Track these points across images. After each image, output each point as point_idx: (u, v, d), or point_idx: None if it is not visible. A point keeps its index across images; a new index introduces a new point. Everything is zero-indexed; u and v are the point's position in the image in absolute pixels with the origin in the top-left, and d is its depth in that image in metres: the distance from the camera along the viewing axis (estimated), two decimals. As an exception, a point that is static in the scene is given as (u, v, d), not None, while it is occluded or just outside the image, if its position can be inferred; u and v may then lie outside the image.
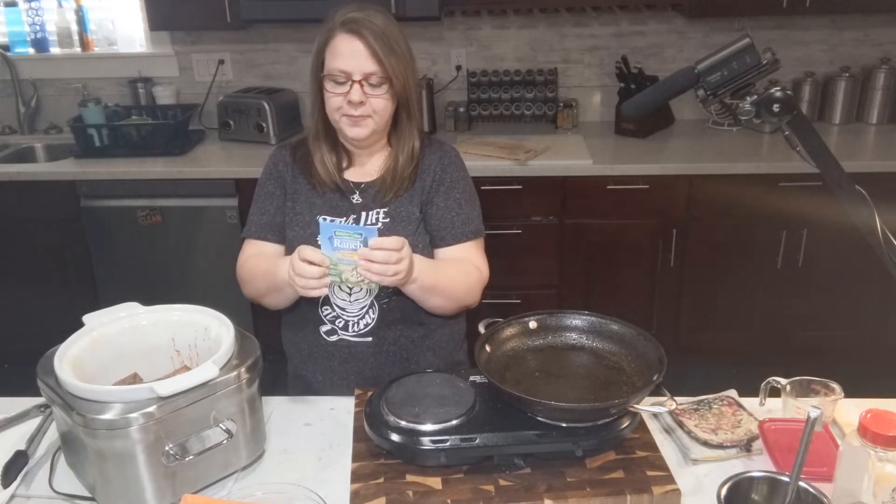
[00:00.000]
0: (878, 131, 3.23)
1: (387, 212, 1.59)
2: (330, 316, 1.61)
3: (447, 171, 1.63)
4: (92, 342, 1.32)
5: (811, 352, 3.11)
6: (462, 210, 1.63)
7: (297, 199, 1.63)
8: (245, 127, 3.23)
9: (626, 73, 3.20)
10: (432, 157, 1.64)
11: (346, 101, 1.50)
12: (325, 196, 1.62)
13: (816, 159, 1.19)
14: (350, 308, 1.59)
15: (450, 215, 1.62)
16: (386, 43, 1.49)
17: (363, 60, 1.48)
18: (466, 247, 1.63)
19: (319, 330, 1.62)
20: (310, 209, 1.61)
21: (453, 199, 1.63)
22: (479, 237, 1.66)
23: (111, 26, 3.50)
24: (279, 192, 1.65)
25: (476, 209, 1.67)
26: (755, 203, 2.89)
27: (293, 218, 1.63)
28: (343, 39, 1.50)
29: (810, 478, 1.08)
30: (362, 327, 1.60)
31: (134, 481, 1.17)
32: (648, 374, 1.26)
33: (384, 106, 1.53)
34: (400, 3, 2.92)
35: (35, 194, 3.00)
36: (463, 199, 1.64)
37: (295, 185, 1.64)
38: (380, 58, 1.48)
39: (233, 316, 1.36)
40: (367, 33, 1.48)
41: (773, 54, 1.16)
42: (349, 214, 1.60)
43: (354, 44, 1.49)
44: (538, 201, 2.95)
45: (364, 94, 1.50)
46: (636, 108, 1.28)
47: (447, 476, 1.21)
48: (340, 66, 1.49)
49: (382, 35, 1.49)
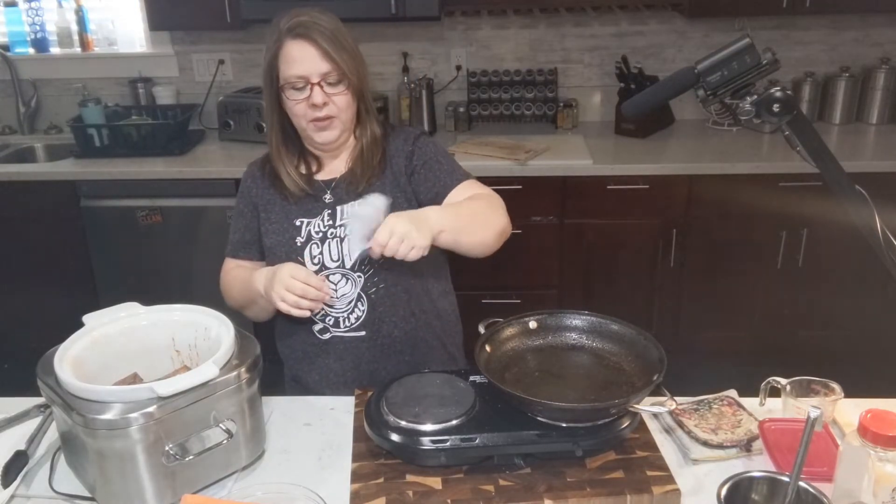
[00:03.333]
0: (878, 131, 3.23)
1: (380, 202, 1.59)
2: (320, 314, 1.61)
3: (416, 145, 1.65)
4: (92, 342, 1.32)
5: (811, 352, 3.11)
6: (442, 166, 1.64)
7: (270, 209, 1.66)
8: (245, 127, 3.23)
9: (626, 73, 3.20)
10: (397, 140, 1.66)
11: (310, 106, 1.52)
12: (298, 203, 1.64)
13: (816, 159, 1.19)
14: (337, 304, 1.60)
15: (433, 175, 1.63)
16: (335, 41, 1.51)
17: (317, 62, 1.50)
18: (461, 188, 1.62)
19: (312, 329, 1.63)
20: (286, 216, 1.64)
21: (430, 163, 1.64)
22: (469, 178, 1.66)
23: (111, 26, 3.50)
24: (248, 209, 1.69)
25: (454, 162, 1.68)
26: (755, 203, 2.89)
27: (269, 227, 1.65)
28: (293, 45, 1.52)
29: (810, 478, 1.08)
30: (353, 321, 1.60)
31: (134, 481, 1.17)
32: (648, 374, 1.26)
33: (346, 103, 1.55)
34: (400, 3, 2.92)
35: (35, 194, 3.00)
36: (438, 156, 1.65)
37: (266, 196, 1.66)
38: (332, 57, 1.50)
39: (233, 316, 1.36)
40: (316, 35, 1.50)
41: (773, 54, 1.16)
42: (323, 212, 1.62)
43: (305, 48, 1.51)
44: (538, 201, 2.94)
45: (325, 95, 1.52)
46: (636, 108, 1.28)
47: (447, 476, 1.21)
48: (296, 71, 1.51)
49: (331, 34, 1.51)
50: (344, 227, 1.59)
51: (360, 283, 1.59)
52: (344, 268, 1.59)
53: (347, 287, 1.59)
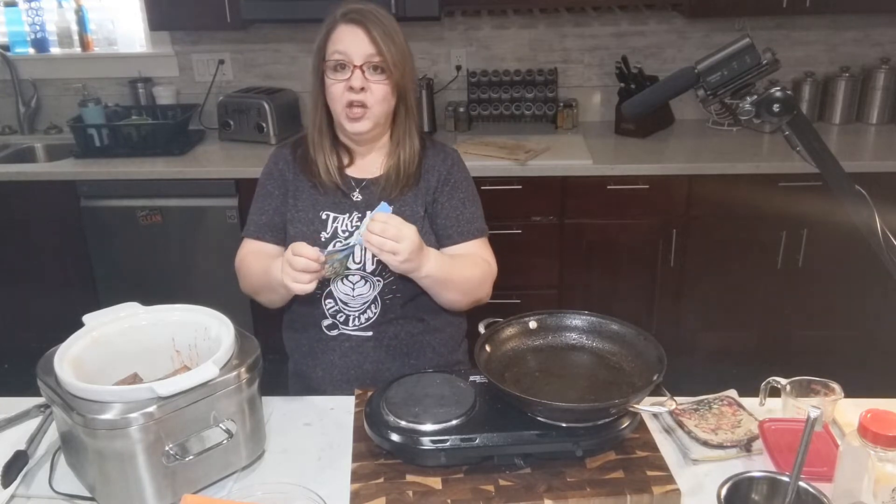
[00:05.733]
0: (878, 131, 3.23)
1: (391, 210, 1.59)
2: (332, 310, 1.61)
3: (452, 171, 1.66)
4: (92, 342, 1.32)
5: (811, 352, 3.11)
6: (466, 209, 1.65)
7: (298, 196, 1.64)
8: (245, 127, 3.23)
9: (626, 73, 3.20)
10: (436, 157, 1.66)
11: (348, 88, 1.52)
12: (327, 194, 1.63)
13: (816, 159, 1.19)
14: (352, 303, 1.60)
15: (455, 213, 1.64)
16: (386, 32, 1.53)
17: (364, 45, 1.51)
18: (473, 244, 1.65)
19: (321, 324, 1.63)
20: (313, 206, 1.62)
21: (458, 199, 1.65)
22: (484, 235, 1.68)
23: (111, 26, 3.50)
24: (278, 191, 1.66)
25: (479, 209, 1.70)
26: (755, 203, 2.89)
27: (295, 215, 1.63)
28: (344, 29, 1.53)
29: (810, 478, 1.08)
30: (363, 321, 1.60)
31: (134, 481, 1.17)
32: (648, 374, 1.26)
33: (384, 94, 1.54)
34: (400, 3, 2.92)
35: (35, 194, 3.00)
36: (467, 198, 1.67)
37: (297, 183, 1.65)
38: (379, 44, 1.51)
39: (233, 316, 1.36)
40: (369, 22, 1.52)
41: (773, 54, 1.16)
42: (352, 212, 1.61)
43: (355, 31, 1.52)
44: (538, 201, 2.94)
45: (365, 80, 1.52)
46: (636, 108, 1.28)
47: (447, 476, 1.21)
48: (341, 48, 1.52)
49: (383, 25, 1.53)
50: None
51: (379, 288, 1.59)
52: (364, 270, 1.59)
53: (366, 289, 1.59)
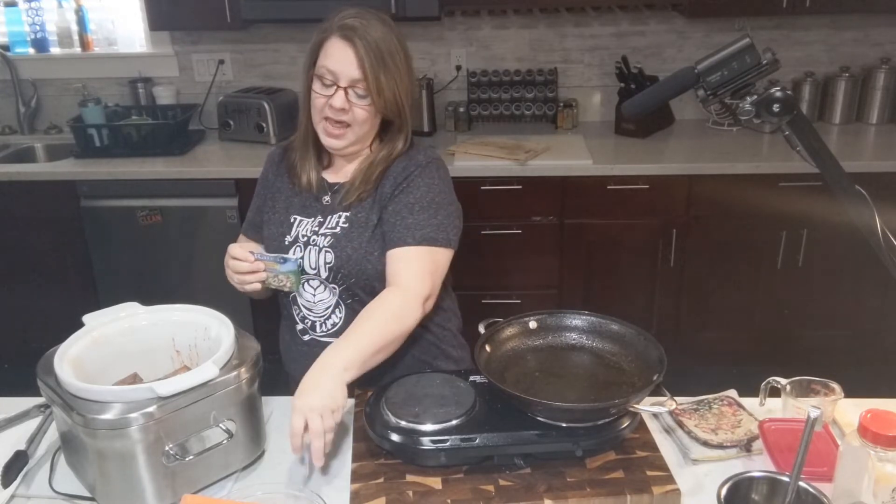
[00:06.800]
0: (878, 131, 3.23)
1: (347, 216, 1.57)
2: (300, 315, 1.62)
3: (410, 177, 1.56)
4: (92, 342, 1.32)
5: (811, 352, 3.11)
6: (413, 215, 1.52)
7: (277, 197, 1.65)
8: (245, 127, 3.23)
9: (626, 73, 3.20)
10: (400, 164, 1.58)
11: (329, 105, 1.50)
12: (301, 195, 1.62)
13: (816, 159, 1.19)
14: (315, 308, 1.59)
15: (398, 219, 1.53)
16: (378, 56, 1.47)
17: (351, 68, 1.47)
18: (410, 251, 1.50)
19: (296, 329, 1.64)
20: (286, 209, 1.63)
21: (404, 204, 1.54)
22: (425, 245, 1.51)
23: (111, 26, 3.50)
24: (264, 191, 1.70)
25: (435, 218, 1.53)
26: (755, 203, 2.89)
27: (270, 216, 1.65)
28: (336, 44, 1.49)
29: (810, 478, 1.08)
30: (330, 327, 1.59)
31: (134, 481, 1.17)
32: (648, 374, 1.26)
33: (365, 118, 1.51)
34: (400, 3, 2.92)
35: (35, 194, 3.00)
36: (418, 204, 1.53)
37: (277, 184, 1.66)
38: (366, 70, 1.46)
39: (233, 316, 1.36)
40: (360, 43, 1.46)
41: (773, 54, 1.16)
42: (316, 215, 1.60)
43: (346, 51, 1.47)
44: (538, 201, 2.94)
45: (347, 102, 1.49)
46: (636, 108, 1.28)
47: (447, 476, 1.21)
48: (329, 66, 1.48)
49: (376, 48, 1.47)
50: (325, 237, 1.56)
51: (338, 292, 1.57)
52: (320, 277, 1.57)
53: (326, 294, 1.57)
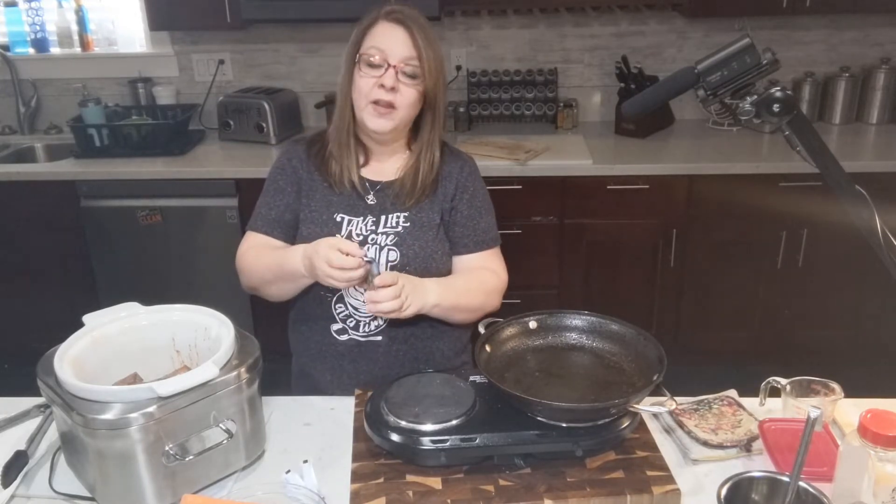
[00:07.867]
0: (878, 131, 3.23)
1: (407, 216, 1.59)
2: (343, 314, 1.60)
3: (469, 179, 1.65)
4: (92, 342, 1.32)
5: (811, 352, 3.11)
6: (482, 219, 1.66)
7: (312, 196, 1.62)
8: (245, 127, 3.23)
9: (626, 73, 3.20)
10: (453, 164, 1.65)
11: (378, 85, 1.49)
12: (341, 195, 1.61)
13: (816, 159, 1.19)
14: (364, 308, 1.57)
15: (472, 223, 1.64)
16: (428, 38, 1.51)
17: (403, 46, 1.49)
18: (486, 254, 1.66)
19: (330, 328, 1.61)
20: (327, 207, 1.60)
21: (475, 208, 1.65)
22: (497, 245, 1.69)
23: (111, 26, 3.50)
24: (291, 188, 1.63)
25: (493, 218, 1.69)
26: (755, 203, 2.89)
27: (308, 215, 1.61)
28: (386, 26, 1.51)
29: (810, 478, 1.08)
30: (374, 328, 1.59)
31: (134, 481, 1.17)
32: (648, 374, 1.26)
33: (413, 99, 1.52)
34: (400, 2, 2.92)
35: (35, 194, 3.00)
36: (483, 208, 1.67)
37: (311, 183, 1.62)
38: (420, 49, 1.49)
39: (233, 316, 1.36)
40: (412, 24, 1.50)
41: (773, 54, 1.16)
42: (366, 215, 1.59)
43: (396, 30, 1.50)
44: (538, 201, 2.94)
45: (397, 80, 1.49)
46: (636, 108, 1.28)
47: (447, 476, 1.21)
48: (379, 44, 1.49)
49: (425, 31, 1.51)
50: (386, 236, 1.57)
51: None
52: None
53: None
